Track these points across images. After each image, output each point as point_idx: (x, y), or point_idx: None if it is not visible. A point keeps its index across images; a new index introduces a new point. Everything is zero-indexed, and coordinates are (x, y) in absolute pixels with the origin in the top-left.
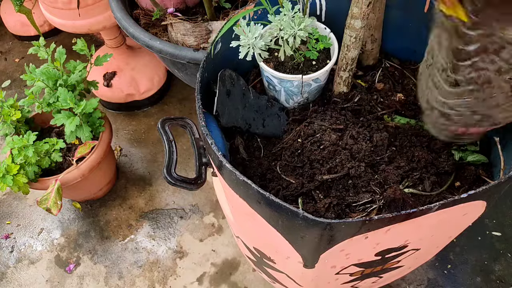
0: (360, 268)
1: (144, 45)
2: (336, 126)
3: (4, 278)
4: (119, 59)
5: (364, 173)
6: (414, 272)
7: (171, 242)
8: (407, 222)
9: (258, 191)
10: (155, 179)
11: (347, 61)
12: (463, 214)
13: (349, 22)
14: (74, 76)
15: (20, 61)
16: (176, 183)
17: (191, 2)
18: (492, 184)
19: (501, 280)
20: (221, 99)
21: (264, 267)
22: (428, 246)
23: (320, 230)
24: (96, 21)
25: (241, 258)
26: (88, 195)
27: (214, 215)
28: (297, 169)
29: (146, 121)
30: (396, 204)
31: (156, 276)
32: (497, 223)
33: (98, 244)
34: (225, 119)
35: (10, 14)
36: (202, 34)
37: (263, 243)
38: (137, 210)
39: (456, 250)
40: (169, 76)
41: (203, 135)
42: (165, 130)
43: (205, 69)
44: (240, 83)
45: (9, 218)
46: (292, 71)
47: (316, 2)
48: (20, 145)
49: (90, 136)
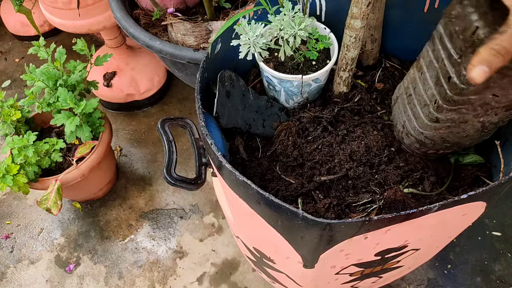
0: (360, 268)
1: (144, 45)
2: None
3: (4, 278)
4: (119, 59)
5: (363, 173)
6: (414, 272)
7: (171, 242)
8: (407, 223)
9: (258, 191)
10: (155, 179)
11: (347, 61)
12: (463, 214)
13: (349, 22)
14: (74, 76)
15: (20, 61)
16: (176, 183)
17: (191, 2)
18: (492, 185)
19: (501, 280)
20: (221, 100)
21: (264, 267)
22: (428, 246)
23: (320, 230)
24: (96, 21)
25: (241, 258)
26: (88, 195)
27: (214, 215)
28: (296, 169)
29: (146, 121)
30: (396, 204)
31: (156, 276)
32: (497, 223)
33: (98, 244)
34: (225, 120)
35: (10, 14)
36: (202, 34)
37: (263, 243)
38: (137, 210)
39: (456, 250)
40: (169, 76)
41: (203, 135)
42: (165, 130)
43: (205, 69)
44: (240, 84)
45: (9, 218)
46: (292, 71)
47: (316, 2)
48: (20, 145)
49: (90, 136)
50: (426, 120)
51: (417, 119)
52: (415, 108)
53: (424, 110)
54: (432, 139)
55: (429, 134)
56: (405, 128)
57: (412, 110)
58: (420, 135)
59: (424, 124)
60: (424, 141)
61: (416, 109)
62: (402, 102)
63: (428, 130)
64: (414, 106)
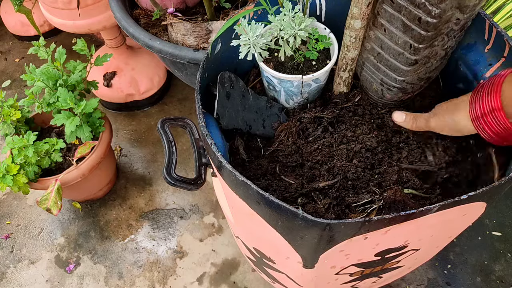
0: (360, 268)
1: (144, 45)
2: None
3: (4, 278)
4: (119, 59)
5: (363, 173)
6: (414, 272)
7: (171, 242)
8: (407, 223)
9: (258, 192)
10: (155, 179)
11: (347, 61)
12: (463, 214)
13: (349, 22)
14: (74, 76)
15: (20, 61)
16: (175, 183)
17: (191, 2)
18: (492, 185)
19: (501, 280)
20: (221, 102)
21: (264, 267)
22: (428, 246)
23: (320, 231)
24: (96, 21)
25: (241, 258)
26: (88, 195)
27: (214, 215)
28: (296, 170)
29: (146, 121)
30: (396, 204)
31: (156, 276)
32: (497, 223)
33: (98, 244)
34: (226, 122)
35: (10, 14)
36: (202, 34)
37: (262, 244)
38: (137, 210)
39: (456, 250)
40: (169, 76)
41: (203, 135)
42: (165, 130)
43: (205, 69)
44: (239, 85)
45: (9, 218)
46: (292, 71)
47: (316, 2)
48: (20, 145)
49: (90, 136)
50: (405, 67)
51: (395, 71)
52: (389, 62)
53: (400, 58)
54: (412, 83)
55: (410, 79)
56: (385, 84)
57: (386, 65)
58: (402, 83)
59: (404, 71)
60: (406, 87)
61: (390, 62)
62: (371, 64)
63: (409, 74)
64: (387, 60)
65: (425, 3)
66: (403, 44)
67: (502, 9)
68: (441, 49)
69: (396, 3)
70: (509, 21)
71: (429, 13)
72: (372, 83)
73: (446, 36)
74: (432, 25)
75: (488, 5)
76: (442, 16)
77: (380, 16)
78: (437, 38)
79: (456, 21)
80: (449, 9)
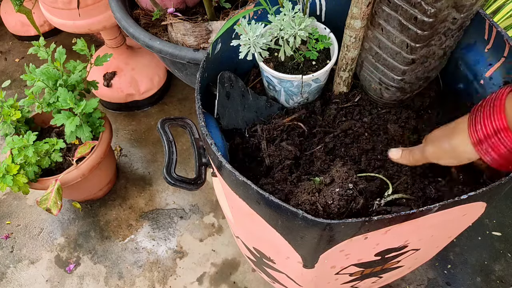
0: (360, 268)
1: (144, 45)
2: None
3: (4, 278)
4: (119, 59)
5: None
6: (414, 272)
7: (171, 242)
8: (407, 223)
9: (258, 192)
10: (155, 179)
11: (347, 61)
12: (463, 214)
13: (349, 22)
14: (74, 76)
15: (20, 61)
16: (175, 183)
17: (191, 2)
18: (492, 185)
19: (501, 280)
20: (221, 102)
21: (264, 267)
22: (428, 246)
23: (320, 231)
24: (96, 21)
25: (241, 258)
26: (88, 195)
27: (214, 215)
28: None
29: (146, 121)
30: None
31: (156, 276)
32: (497, 223)
33: (98, 244)
34: (226, 122)
35: (10, 14)
36: (202, 34)
37: (262, 244)
38: (137, 210)
39: (456, 250)
40: (169, 76)
41: (203, 135)
42: (165, 130)
43: (205, 69)
44: (239, 85)
45: (9, 218)
46: (292, 71)
47: (316, 2)
48: (20, 145)
49: (90, 136)
50: (402, 66)
51: (393, 70)
52: (387, 61)
53: (398, 58)
54: (410, 82)
55: (407, 78)
56: (383, 84)
57: (384, 65)
58: (400, 82)
59: (402, 70)
60: (404, 87)
61: (388, 61)
62: (369, 63)
63: (407, 74)
64: (385, 59)
65: (421, 2)
66: (400, 43)
67: (502, 9)
68: (438, 49)
69: (392, 2)
70: (509, 21)
71: (424, 12)
72: (371, 83)
73: (443, 36)
74: (428, 24)
75: (488, 5)
76: (438, 15)
77: (377, 16)
78: (433, 38)
79: (453, 21)
80: (444, 8)
